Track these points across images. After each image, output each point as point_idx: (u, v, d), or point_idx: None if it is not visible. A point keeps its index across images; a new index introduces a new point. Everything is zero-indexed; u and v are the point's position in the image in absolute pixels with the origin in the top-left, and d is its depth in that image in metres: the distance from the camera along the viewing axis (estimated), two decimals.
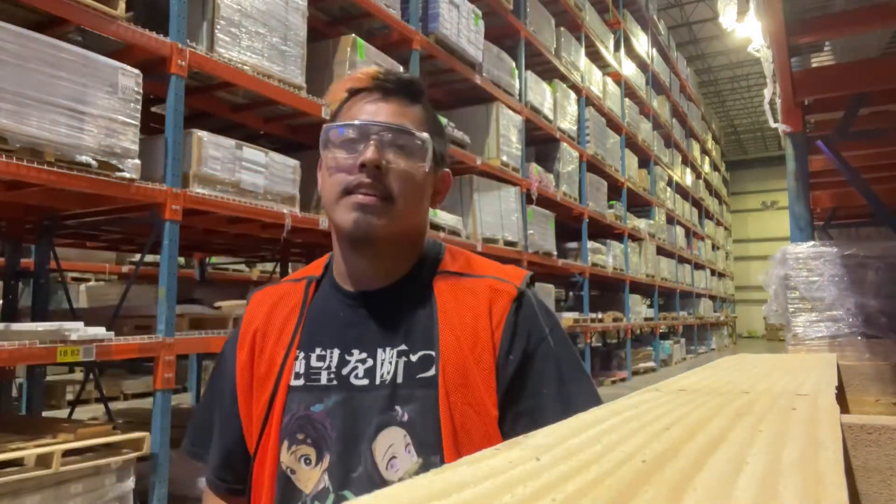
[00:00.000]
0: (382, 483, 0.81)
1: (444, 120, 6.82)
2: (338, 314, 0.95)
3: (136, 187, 3.40)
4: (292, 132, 5.68)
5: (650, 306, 14.73)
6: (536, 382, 0.88)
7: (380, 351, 0.89)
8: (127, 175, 3.34)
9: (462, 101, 8.01)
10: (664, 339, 15.62)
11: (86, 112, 3.14)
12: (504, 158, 7.79)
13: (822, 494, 0.37)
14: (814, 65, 5.03)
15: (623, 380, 12.11)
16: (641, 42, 14.90)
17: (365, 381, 0.88)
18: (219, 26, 4.05)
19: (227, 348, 1.01)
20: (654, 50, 16.18)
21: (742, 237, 30.94)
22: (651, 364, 13.84)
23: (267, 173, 4.38)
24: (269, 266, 9.26)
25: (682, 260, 17.45)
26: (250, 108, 5.11)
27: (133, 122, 3.36)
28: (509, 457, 0.44)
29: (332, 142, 0.93)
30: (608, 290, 14.05)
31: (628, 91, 13.63)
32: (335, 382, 0.89)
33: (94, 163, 3.18)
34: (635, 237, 13.45)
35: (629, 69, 13.91)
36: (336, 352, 0.91)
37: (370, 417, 0.86)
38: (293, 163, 4.66)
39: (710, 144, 23.31)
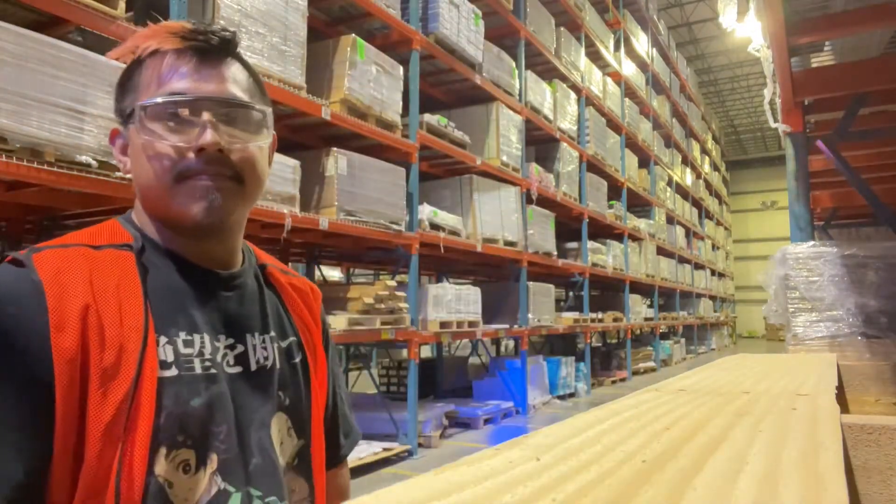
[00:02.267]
0: (278, 469, 0.82)
1: (444, 120, 6.83)
2: (191, 293, 0.80)
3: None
4: (292, 132, 5.68)
5: (650, 306, 14.73)
6: (336, 370, 1.03)
7: (249, 337, 0.84)
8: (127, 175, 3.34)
9: (462, 101, 8.01)
10: (664, 339, 15.62)
11: (86, 112, 3.14)
12: (504, 158, 7.79)
13: (822, 494, 0.38)
14: (814, 65, 5.03)
15: (623, 380, 12.11)
16: (641, 42, 14.90)
17: (238, 369, 0.82)
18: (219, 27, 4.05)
19: (15, 333, 0.68)
20: (654, 50, 16.19)
21: (742, 237, 30.95)
22: (651, 364, 13.84)
23: None
24: None
25: (682, 260, 17.45)
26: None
27: None
28: (509, 457, 0.44)
29: (149, 120, 0.78)
30: (608, 290, 14.05)
31: (628, 91, 13.63)
32: (213, 371, 0.78)
33: (94, 163, 3.18)
34: (635, 237, 13.45)
35: (629, 69, 13.91)
36: (205, 337, 0.79)
37: (256, 405, 0.82)
38: (293, 163, 4.66)
39: (710, 144, 23.32)
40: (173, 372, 0.74)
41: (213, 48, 0.83)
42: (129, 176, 0.85)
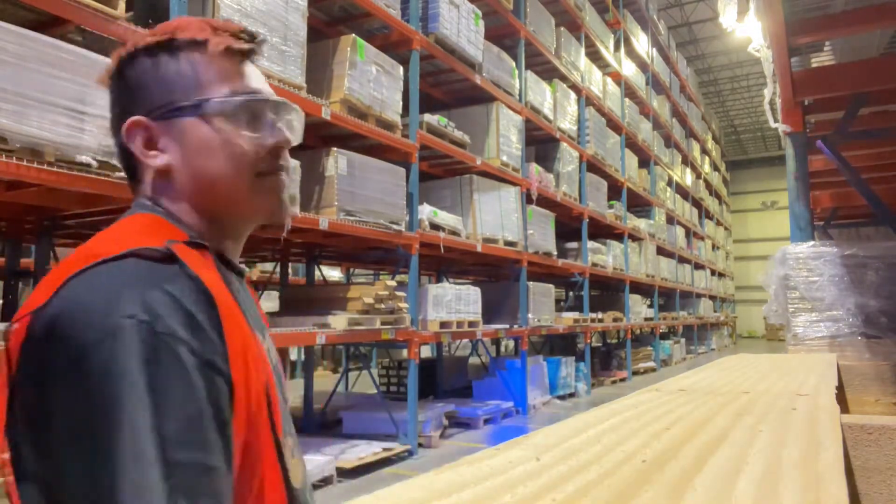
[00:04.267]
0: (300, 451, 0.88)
1: (444, 120, 6.83)
2: (239, 294, 0.79)
3: None
4: None
5: (650, 306, 14.73)
6: None
7: (266, 336, 0.86)
8: None
9: (462, 101, 8.01)
10: (664, 339, 15.61)
11: (86, 112, 3.14)
12: (504, 158, 7.79)
13: (822, 494, 0.37)
14: (814, 65, 5.03)
15: (623, 380, 12.11)
16: (641, 42, 14.90)
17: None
18: None
19: (195, 329, 0.63)
20: (654, 50, 16.18)
21: (742, 237, 30.93)
22: (651, 364, 13.84)
23: None
24: (269, 266, 9.26)
25: (682, 260, 17.44)
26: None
27: None
28: (509, 457, 0.43)
29: (229, 115, 0.78)
30: (608, 290, 14.05)
31: (628, 91, 13.63)
32: (279, 368, 0.83)
33: (94, 163, 3.18)
34: (635, 237, 13.44)
35: (629, 69, 13.91)
36: (261, 335, 0.81)
37: (284, 398, 0.86)
38: (293, 163, 4.66)
39: (710, 144, 23.31)
40: (271, 367, 0.77)
41: (255, 51, 0.85)
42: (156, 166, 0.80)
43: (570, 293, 11.81)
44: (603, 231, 11.95)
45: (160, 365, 0.58)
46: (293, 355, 12.10)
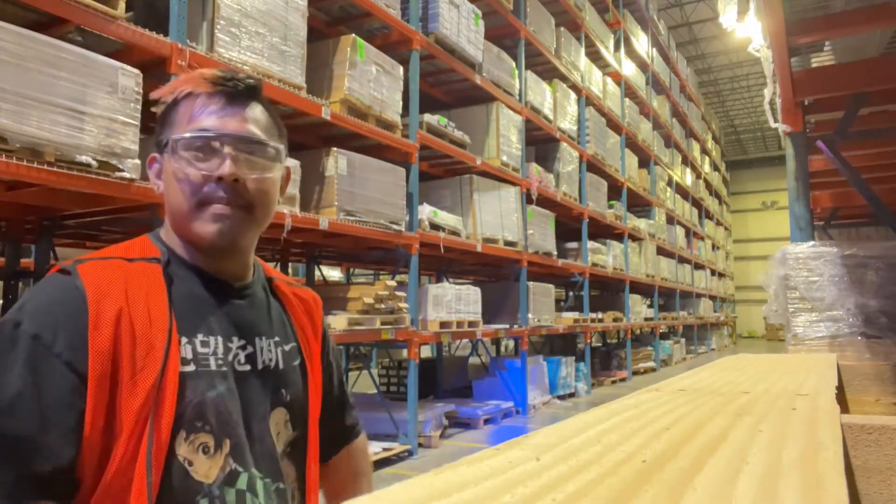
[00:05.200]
0: (276, 455, 0.96)
1: (444, 120, 6.82)
2: (209, 301, 0.94)
3: (136, 187, 3.40)
4: (292, 132, 5.64)
5: (650, 306, 14.73)
6: (338, 375, 1.19)
7: (257, 340, 0.97)
8: (127, 175, 3.35)
9: (462, 101, 8.01)
10: (664, 339, 15.62)
11: (86, 112, 3.14)
12: (504, 158, 7.79)
13: (822, 494, 0.37)
14: (814, 65, 5.04)
15: (623, 380, 12.11)
16: (641, 42, 14.90)
17: (247, 367, 0.95)
18: (219, 26, 4.05)
19: (53, 329, 0.81)
20: (654, 50, 16.18)
21: (742, 237, 30.94)
22: (651, 364, 13.84)
23: None
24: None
25: (682, 260, 17.45)
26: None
27: (133, 122, 3.36)
28: (509, 457, 0.44)
29: (180, 151, 0.92)
30: (608, 290, 14.05)
31: (628, 91, 13.63)
32: (224, 368, 0.91)
33: (94, 163, 3.18)
34: (635, 237, 13.45)
35: (629, 69, 13.91)
36: (219, 339, 0.92)
37: (260, 399, 0.95)
38: (293, 163, 4.66)
39: (710, 144, 23.31)
40: (192, 367, 0.87)
41: (239, 93, 0.96)
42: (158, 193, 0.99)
43: (570, 293, 11.81)
44: (603, 231, 11.95)
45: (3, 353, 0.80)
46: None
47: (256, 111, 0.97)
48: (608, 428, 0.57)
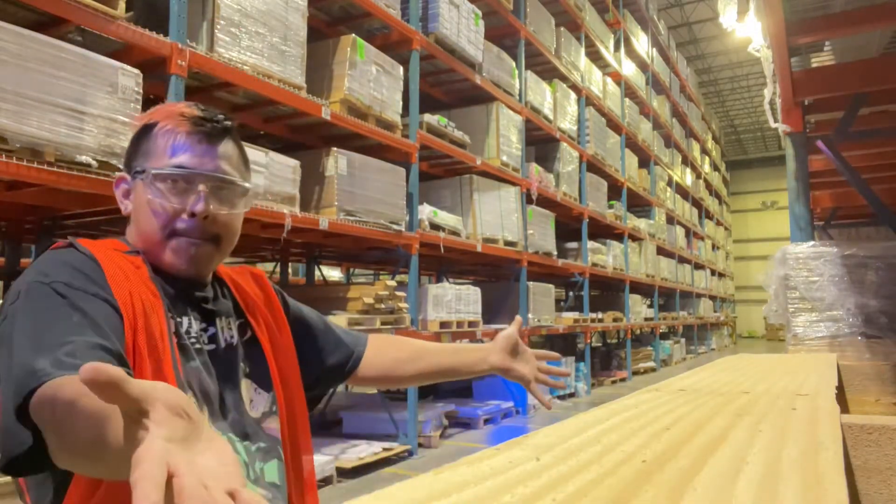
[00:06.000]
0: (254, 420, 1.05)
1: (444, 120, 6.82)
2: (178, 289, 1.03)
3: None
4: (292, 132, 5.67)
5: (650, 306, 14.72)
6: (314, 320, 1.29)
7: (217, 321, 1.06)
8: None
9: (462, 101, 8.00)
10: (664, 339, 15.61)
11: (86, 112, 3.14)
12: (504, 158, 7.79)
13: (822, 494, 0.37)
14: (814, 65, 5.04)
15: (623, 380, 12.11)
16: (641, 42, 14.89)
17: (212, 346, 1.04)
18: (219, 26, 4.05)
19: (81, 278, 0.89)
20: (654, 50, 16.17)
21: (742, 237, 30.92)
22: (651, 364, 13.84)
23: (267, 173, 4.38)
24: (269, 266, 9.26)
25: (682, 260, 17.44)
26: (250, 108, 5.11)
27: (133, 122, 3.36)
28: (509, 457, 0.43)
29: (157, 183, 0.99)
30: (608, 290, 14.04)
31: (628, 91, 13.63)
32: (197, 346, 1.01)
33: (94, 163, 3.18)
34: (635, 237, 13.44)
35: (629, 69, 13.90)
36: (188, 319, 1.02)
37: (227, 373, 1.04)
38: (293, 163, 4.66)
39: (710, 144, 23.30)
40: (180, 341, 0.97)
41: (214, 132, 1.03)
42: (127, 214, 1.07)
43: (570, 293, 11.80)
44: (603, 231, 11.95)
45: (31, 296, 0.86)
46: None
47: (228, 147, 1.05)
48: (608, 428, 0.57)
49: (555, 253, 9.35)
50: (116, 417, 0.53)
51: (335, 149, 5.09)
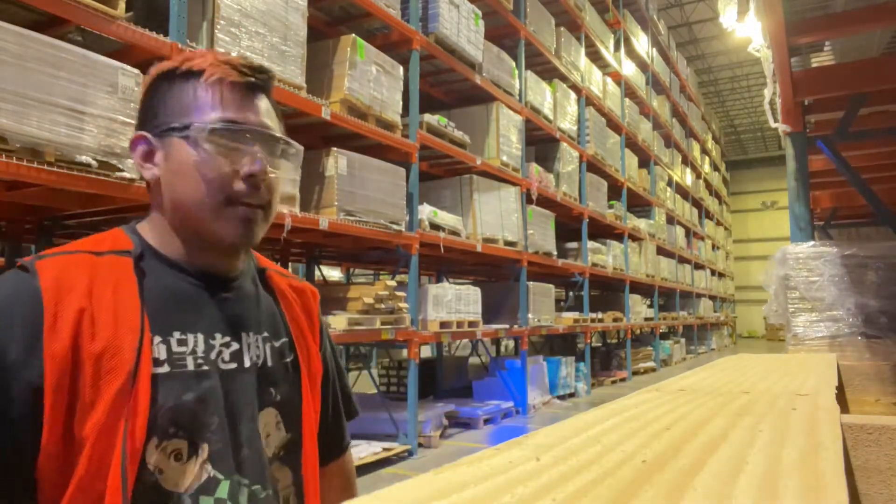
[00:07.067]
0: (263, 459, 0.88)
1: (444, 120, 6.83)
2: (188, 296, 0.88)
3: (135, 187, 3.40)
4: (292, 132, 5.62)
5: (650, 306, 14.73)
6: (337, 372, 1.11)
7: (244, 336, 0.91)
8: (127, 175, 3.35)
9: (462, 101, 8.00)
10: (664, 339, 15.61)
11: (86, 112, 3.14)
12: (504, 158, 7.79)
13: (822, 494, 0.37)
14: (814, 65, 5.04)
15: (623, 380, 12.11)
16: (641, 42, 14.90)
17: (233, 365, 0.88)
18: (219, 26, 4.05)
19: (5, 336, 0.75)
20: (654, 50, 16.18)
21: (742, 237, 30.94)
22: (651, 364, 13.84)
23: None
24: None
25: (682, 260, 17.45)
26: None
27: (133, 122, 3.36)
28: (509, 457, 0.44)
29: (207, 140, 0.85)
30: (608, 290, 14.05)
31: (628, 91, 13.63)
32: (205, 367, 0.84)
33: (94, 163, 3.18)
34: (635, 237, 13.45)
35: (629, 69, 13.91)
36: (199, 336, 0.85)
37: (248, 399, 0.88)
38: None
39: (710, 144, 23.31)
40: (166, 369, 0.81)
41: (258, 85, 0.92)
42: (146, 179, 0.91)
43: (570, 293, 11.81)
44: (603, 231, 11.95)
45: None
46: None
47: (269, 104, 0.95)
48: (608, 428, 0.57)
49: (555, 253, 9.35)
50: None
51: (335, 149, 5.09)
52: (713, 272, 22.43)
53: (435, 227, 6.50)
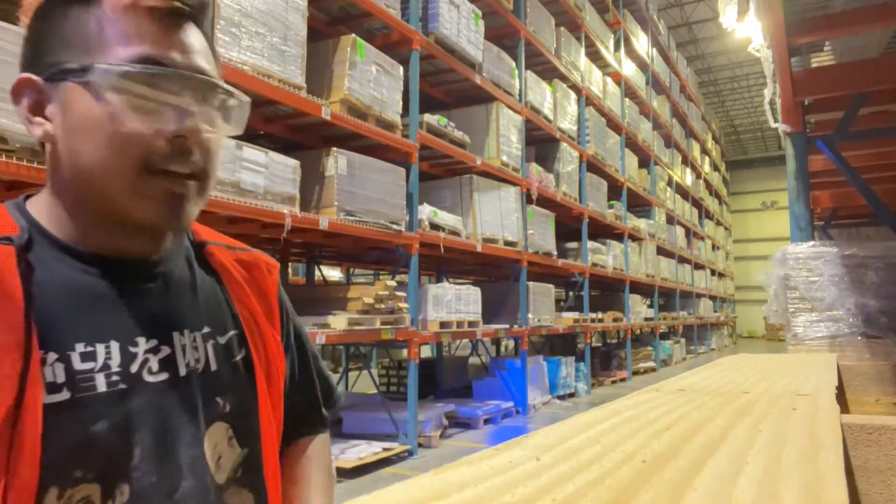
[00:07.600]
0: (216, 489, 0.70)
1: (444, 120, 6.83)
2: (95, 293, 0.66)
3: None
4: (292, 132, 5.67)
5: (650, 306, 14.73)
6: (303, 354, 0.90)
7: (177, 336, 0.71)
8: None
9: (462, 101, 8.00)
10: (664, 339, 15.61)
11: None
12: (504, 158, 7.79)
13: (822, 494, 0.37)
14: (814, 65, 5.04)
15: (623, 380, 12.11)
16: (641, 42, 14.90)
17: (163, 376, 0.68)
18: (219, 26, 4.05)
19: None
20: (654, 50, 16.18)
21: (742, 237, 30.94)
22: (651, 364, 13.84)
23: (267, 173, 4.38)
24: None
25: (682, 260, 17.44)
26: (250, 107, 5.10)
27: None
28: (509, 457, 0.44)
29: (116, 87, 0.63)
30: (608, 290, 14.05)
31: (628, 91, 13.63)
32: (123, 386, 0.64)
33: None
34: (635, 237, 13.45)
35: (629, 69, 13.91)
36: (113, 344, 0.65)
37: (187, 417, 0.69)
38: (293, 163, 4.66)
39: (710, 144, 23.31)
40: (65, 395, 0.60)
41: (188, 12, 0.68)
42: (37, 142, 0.68)
43: (570, 293, 11.80)
44: (603, 231, 11.95)
45: None
46: None
47: (201, 39, 0.70)
48: (608, 428, 0.57)
49: (555, 253, 9.35)
50: None
51: (335, 149, 5.09)
52: (713, 272, 22.43)
53: (435, 227, 6.50)
